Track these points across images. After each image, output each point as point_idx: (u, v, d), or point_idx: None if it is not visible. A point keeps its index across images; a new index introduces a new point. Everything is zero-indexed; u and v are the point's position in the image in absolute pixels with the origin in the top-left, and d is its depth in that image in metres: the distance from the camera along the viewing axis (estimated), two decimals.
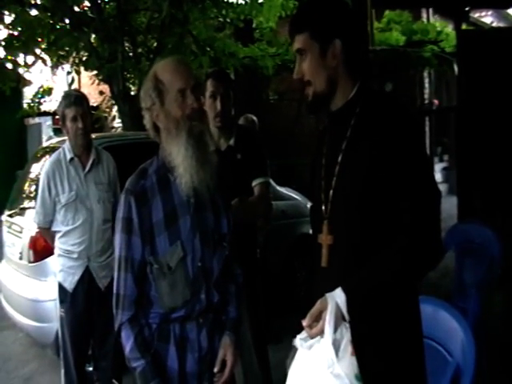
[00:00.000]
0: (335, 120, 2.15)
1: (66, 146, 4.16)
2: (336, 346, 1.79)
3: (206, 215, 2.37)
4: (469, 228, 4.62)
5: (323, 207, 2.11)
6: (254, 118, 6.54)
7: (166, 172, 2.33)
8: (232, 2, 10.35)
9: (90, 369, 4.46)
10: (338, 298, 1.84)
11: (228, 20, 10.54)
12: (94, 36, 9.42)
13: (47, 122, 15.58)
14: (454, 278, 4.28)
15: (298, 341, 1.91)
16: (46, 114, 15.15)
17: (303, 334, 1.91)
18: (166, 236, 2.29)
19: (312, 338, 1.86)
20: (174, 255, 2.29)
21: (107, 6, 9.64)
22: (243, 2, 10.39)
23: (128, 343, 2.29)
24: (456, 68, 13.79)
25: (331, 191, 2.07)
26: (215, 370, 2.38)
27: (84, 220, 4.07)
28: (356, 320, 1.84)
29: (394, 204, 1.92)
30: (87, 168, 4.14)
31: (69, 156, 4.12)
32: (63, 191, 4.06)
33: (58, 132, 13.35)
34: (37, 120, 14.90)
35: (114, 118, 13.68)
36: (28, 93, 14.94)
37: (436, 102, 15.54)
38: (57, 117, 13.79)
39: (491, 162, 6.18)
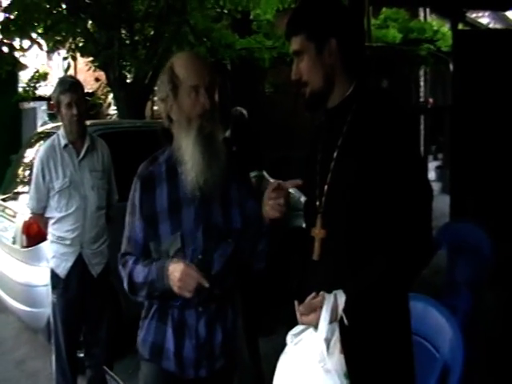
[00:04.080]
0: (332, 116, 2.17)
1: (61, 132, 4.16)
2: (327, 342, 1.82)
3: (212, 209, 2.38)
4: (461, 227, 4.66)
5: (317, 202, 2.13)
6: (244, 111, 6.53)
7: (175, 162, 2.36)
8: None
9: (81, 355, 4.46)
10: (339, 298, 1.87)
11: (225, 11, 10.52)
12: (90, 22, 9.38)
13: (42, 106, 15.47)
14: (445, 276, 4.31)
15: (289, 336, 1.94)
16: (41, 98, 15.07)
17: (295, 330, 1.94)
18: (168, 224, 2.33)
19: (302, 324, 1.91)
20: (173, 245, 2.32)
21: None
22: None
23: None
24: (452, 67, 13.87)
25: (326, 186, 2.10)
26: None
27: (77, 207, 4.07)
28: (351, 320, 1.87)
29: (387, 201, 1.95)
30: (81, 155, 4.14)
31: (63, 142, 4.12)
32: (57, 177, 4.07)
33: (52, 117, 13.28)
34: (32, 104, 14.79)
35: (109, 104, 13.63)
36: (23, 77, 14.88)
37: (431, 100, 15.58)
38: (52, 102, 13.73)
39: (485, 162, 6.22)
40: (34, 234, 4.96)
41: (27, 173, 5.85)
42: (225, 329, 2.44)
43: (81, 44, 9.84)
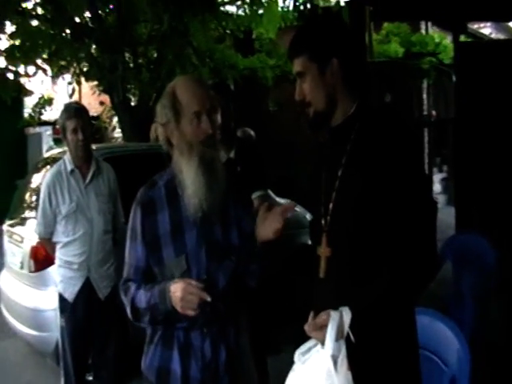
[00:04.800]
0: (335, 135, 2.19)
1: (67, 157, 4.21)
2: (334, 359, 1.84)
3: (213, 228, 2.38)
4: (466, 239, 4.67)
5: (322, 220, 2.15)
6: (252, 132, 6.56)
7: (175, 186, 2.36)
8: (232, 13, 10.41)
9: (90, 378, 4.47)
10: (345, 314, 1.88)
11: (228, 31, 10.60)
12: (94, 46, 9.47)
13: (47, 131, 15.59)
14: (451, 288, 4.32)
15: (297, 355, 1.96)
16: (46, 123, 15.21)
17: (302, 348, 1.96)
18: (172, 248, 2.33)
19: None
20: (178, 267, 2.32)
21: (108, 17, 9.71)
22: (242, 13, 10.46)
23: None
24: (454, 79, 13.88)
25: (331, 205, 2.12)
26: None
27: (84, 231, 4.11)
28: (357, 338, 1.88)
29: (391, 218, 1.97)
30: (88, 179, 4.19)
31: (69, 167, 4.17)
32: (64, 202, 4.11)
33: (58, 142, 13.38)
34: (37, 129, 14.92)
35: (114, 128, 13.72)
36: (29, 102, 15.01)
37: (434, 113, 15.59)
38: (57, 126, 13.79)
39: (489, 174, 6.22)
40: (41, 258, 4.98)
41: (34, 198, 5.88)
42: (228, 348, 2.44)
43: (85, 69, 9.93)
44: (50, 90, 16.32)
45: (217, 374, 2.41)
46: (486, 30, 21.64)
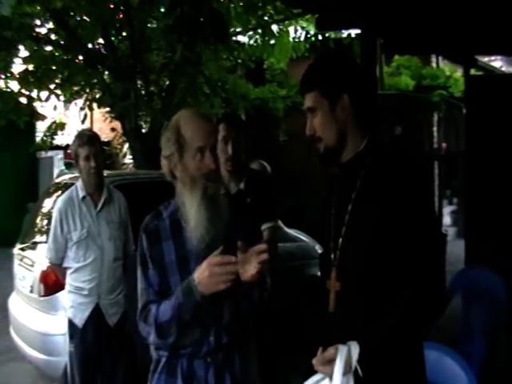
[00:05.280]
0: (345, 170, 2.22)
1: (79, 184, 4.25)
2: None
3: None
4: (475, 273, 4.65)
5: (332, 255, 2.18)
6: (267, 165, 6.57)
7: (179, 218, 2.38)
8: (243, 43, 10.53)
9: None
10: (353, 348, 1.89)
11: (239, 61, 10.71)
12: (107, 73, 9.59)
13: (58, 155, 15.75)
14: (460, 323, 4.30)
15: None
16: (57, 147, 15.34)
17: (310, 381, 1.97)
18: (178, 277, 2.34)
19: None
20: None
21: (120, 45, 9.84)
22: (254, 44, 10.59)
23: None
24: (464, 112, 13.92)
25: (340, 239, 2.15)
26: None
27: (95, 257, 4.13)
28: (365, 372, 1.89)
29: (400, 254, 1.99)
30: (99, 206, 4.22)
31: (81, 194, 4.21)
32: (75, 228, 4.14)
33: (69, 166, 13.50)
34: (49, 154, 15.05)
35: (125, 154, 13.80)
36: (41, 127, 15.15)
37: (444, 145, 15.62)
38: (69, 151, 13.87)
39: (499, 207, 6.22)
40: (51, 283, 5.00)
41: (45, 222, 5.93)
42: (233, 376, 2.43)
43: (98, 95, 10.04)
44: (61, 115, 16.48)
45: None
46: (497, 63, 21.71)
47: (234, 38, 10.02)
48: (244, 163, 3.92)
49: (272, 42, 10.39)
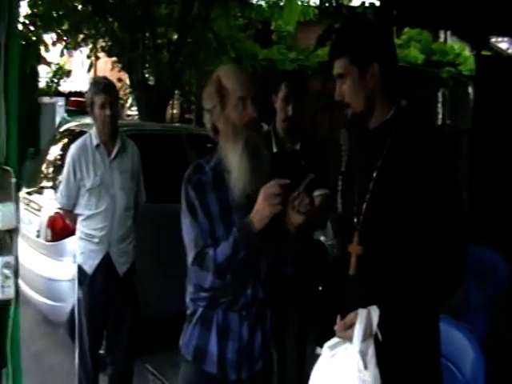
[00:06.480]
0: (371, 138, 2.25)
1: (93, 131, 4.23)
2: (362, 355, 1.90)
3: None
4: (478, 251, 4.69)
5: (355, 219, 2.22)
6: None
7: (221, 171, 2.43)
8: (253, 4, 10.46)
9: (101, 352, 4.49)
10: (373, 313, 1.94)
11: (248, 21, 10.64)
12: (115, 23, 9.49)
13: (59, 102, 15.63)
14: (462, 300, 4.35)
15: (325, 348, 2.03)
16: (59, 94, 15.24)
17: (331, 342, 2.03)
18: (222, 229, 2.39)
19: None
20: None
21: None
22: (263, 4, 10.53)
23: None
24: (470, 90, 13.88)
25: (364, 205, 2.18)
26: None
27: (107, 206, 4.15)
28: (385, 335, 1.94)
29: (424, 223, 2.03)
30: (112, 155, 4.21)
31: (95, 142, 4.19)
32: (88, 176, 4.14)
33: (71, 113, 13.40)
34: (51, 100, 14.95)
35: (130, 105, 13.73)
36: (42, 72, 15.00)
37: (448, 122, 15.59)
38: (72, 98, 13.72)
39: (504, 187, 6.25)
40: (59, 228, 5.05)
41: (51, 170, 5.99)
42: (264, 332, 2.52)
43: (104, 44, 9.96)
44: (64, 61, 16.33)
45: (252, 357, 2.50)
46: (503, 44, 21.59)
47: None
48: (302, 125, 3.80)
49: (281, 3, 10.34)
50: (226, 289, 2.39)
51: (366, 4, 9.20)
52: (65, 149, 5.73)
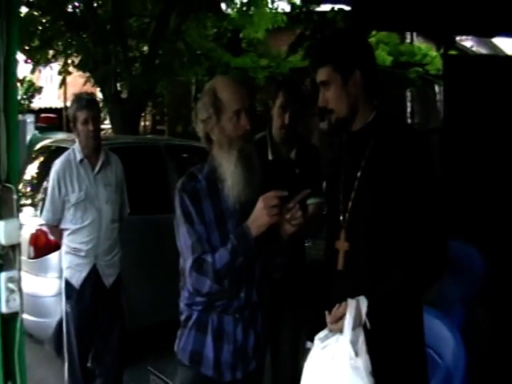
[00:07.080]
0: (354, 140, 2.38)
1: (76, 147, 4.28)
2: (353, 344, 2.01)
3: None
4: (453, 244, 4.78)
5: (341, 217, 2.34)
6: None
7: (215, 179, 2.51)
8: (227, 14, 10.55)
9: (88, 365, 4.49)
10: (361, 303, 2.07)
11: (221, 30, 10.72)
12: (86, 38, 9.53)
13: (29, 119, 15.58)
14: (437, 292, 4.46)
15: (316, 340, 2.14)
16: (29, 111, 15.18)
17: (321, 334, 2.14)
18: (218, 235, 2.47)
19: (330, 331, 2.11)
20: None
21: (98, 9, 9.76)
22: (232, 13, 10.61)
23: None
24: (437, 89, 14.10)
25: (350, 203, 2.31)
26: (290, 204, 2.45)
27: (93, 219, 4.20)
28: (373, 324, 2.07)
29: (406, 218, 2.17)
30: (96, 169, 4.27)
31: (79, 157, 4.25)
32: (73, 191, 4.19)
33: (42, 130, 13.34)
34: (20, 117, 14.88)
35: (103, 119, 13.70)
36: None
37: (416, 122, 15.81)
38: (42, 115, 13.61)
39: (476, 183, 6.36)
40: (41, 245, 5.06)
41: (29, 189, 5.99)
42: (256, 333, 2.61)
43: (77, 59, 9.97)
44: (31, 78, 16.25)
45: (246, 358, 2.59)
46: (468, 42, 21.86)
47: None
48: (298, 133, 3.81)
49: (250, 12, 10.44)
50: (223, 293, 2.47)
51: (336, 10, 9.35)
52: (42, 166, 5.79)
